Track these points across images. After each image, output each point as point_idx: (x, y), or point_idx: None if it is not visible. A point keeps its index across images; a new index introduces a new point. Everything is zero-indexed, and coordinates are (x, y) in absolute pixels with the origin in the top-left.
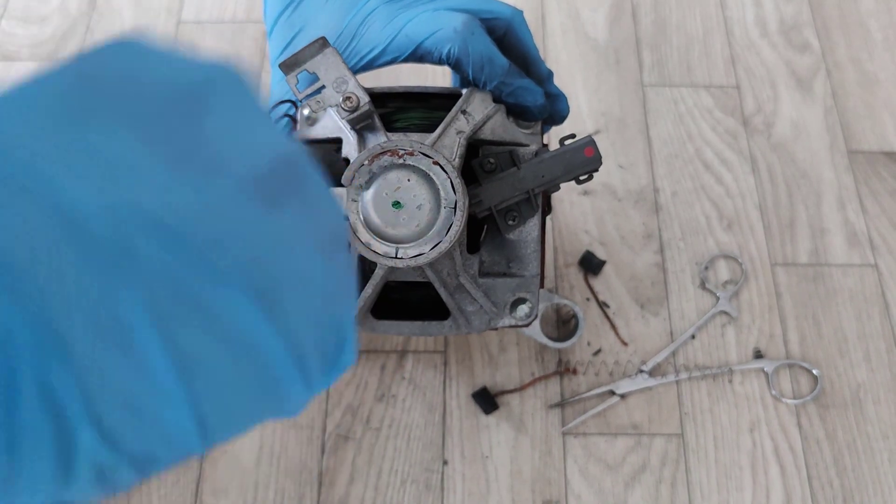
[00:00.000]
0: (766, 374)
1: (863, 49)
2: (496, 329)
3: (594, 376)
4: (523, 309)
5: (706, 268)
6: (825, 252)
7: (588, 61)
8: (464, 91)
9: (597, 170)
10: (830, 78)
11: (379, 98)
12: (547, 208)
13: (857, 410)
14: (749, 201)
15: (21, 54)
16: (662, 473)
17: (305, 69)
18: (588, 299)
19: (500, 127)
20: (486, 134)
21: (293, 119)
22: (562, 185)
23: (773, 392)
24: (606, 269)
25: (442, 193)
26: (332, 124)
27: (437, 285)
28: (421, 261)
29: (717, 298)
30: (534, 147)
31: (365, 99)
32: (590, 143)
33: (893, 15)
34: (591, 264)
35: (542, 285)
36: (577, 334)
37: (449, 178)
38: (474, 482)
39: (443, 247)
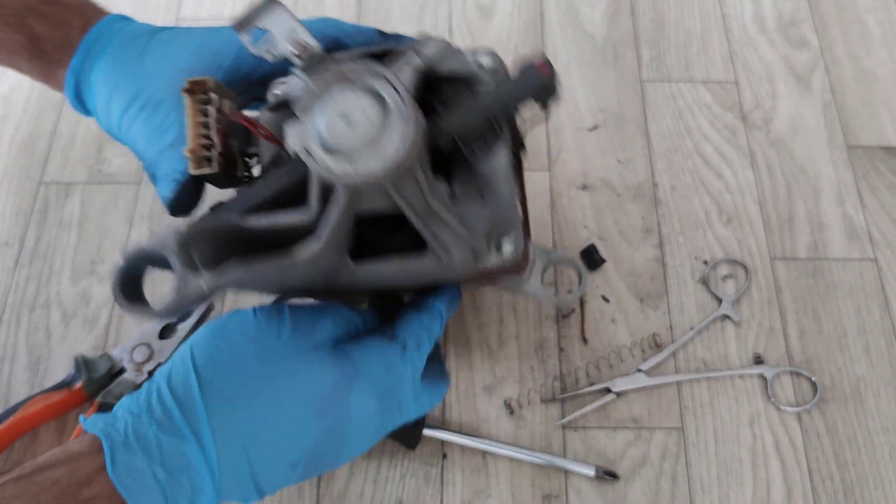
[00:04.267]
0: (766, 380)
1: (861, 45)
2: (490, 277)
3: (594, 371)
4: (508, 247)
5: (705, 262)
6: (824, 247)
7: (586, 57)
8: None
9: (555, 90)
10: (828, 74)
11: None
12: (521, 145)
13: (857, 404)
14: (748, 196)
15: None
16: (662, 467)
17: (256, 25)
18: (587, 295)
19: (458, 64)
20: (443, 71)
21: (263, 101)
22: (536, 127)
23: (773, 399)
24: (606, 263)
25: (392, 106)
26: (297, 90)
27: (405, 209)
28: (378, 173)
29: (720, 301)
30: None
31: (316, 44)
32: (544, 61)
33: (891, 11)
34: (591, 259)
35: (528, 234)
36: (581, 289)
37: (396, 90)
38: (474, 476)
39: (398, 156)
